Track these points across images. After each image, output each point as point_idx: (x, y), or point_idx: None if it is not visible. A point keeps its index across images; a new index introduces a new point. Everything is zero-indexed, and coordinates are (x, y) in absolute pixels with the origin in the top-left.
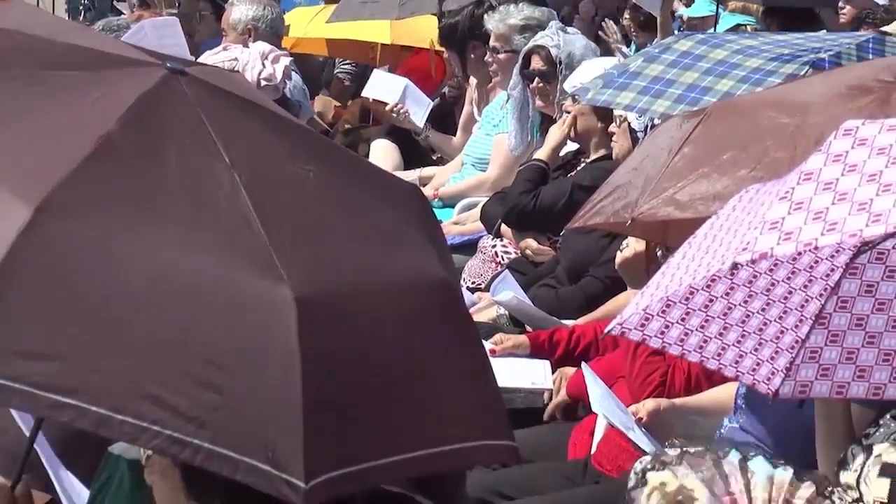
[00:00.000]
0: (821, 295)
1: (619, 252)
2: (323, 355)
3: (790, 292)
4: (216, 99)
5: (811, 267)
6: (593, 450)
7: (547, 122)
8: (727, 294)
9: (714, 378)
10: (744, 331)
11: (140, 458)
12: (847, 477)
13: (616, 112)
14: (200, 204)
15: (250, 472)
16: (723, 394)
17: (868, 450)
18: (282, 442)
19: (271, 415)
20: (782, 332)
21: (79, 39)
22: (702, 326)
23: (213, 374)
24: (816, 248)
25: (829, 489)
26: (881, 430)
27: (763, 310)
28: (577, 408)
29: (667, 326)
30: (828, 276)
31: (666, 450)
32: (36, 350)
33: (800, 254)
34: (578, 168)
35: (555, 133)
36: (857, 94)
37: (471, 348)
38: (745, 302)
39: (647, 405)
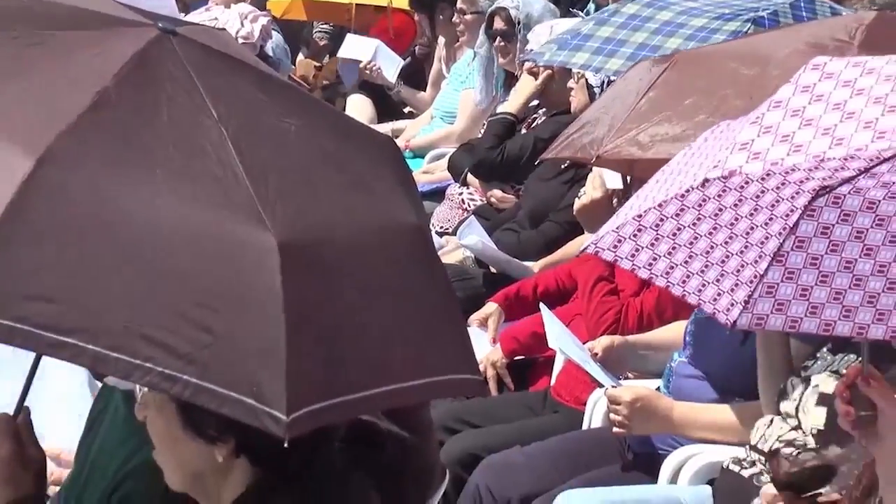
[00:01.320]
0: (780, 233)
1: (577, 199)
2: (304, 296)
3: (752, 228)
4: (205, 57)
5: (772, 206)
6: (553, 382)
7: (510, 78)
8: (694, 224)
9: (664, 317)
10: (707, 261)
11: (133, 389)
12: (787, 406)
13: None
14: (190, 156)
15: (235, 406)
16: (672, 331)
17: (806, 381)
18: (265, 378)
19: (256, 353)
20: (742, 265)
21: (77, 1)
22: (669, 253)
23: (202, 315)
24: (783, 168)
25: None
26: (818, 362)
27: (726, 243)
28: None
29: (637, 250)
30: (787, 216)
31: None
32: (39, 294)
33: (763, 192)
34: (538, 122)
35: (528, 87)
36: (814, 51)
37: (440, 288)
38: (710, 234)
39: (602, 342)
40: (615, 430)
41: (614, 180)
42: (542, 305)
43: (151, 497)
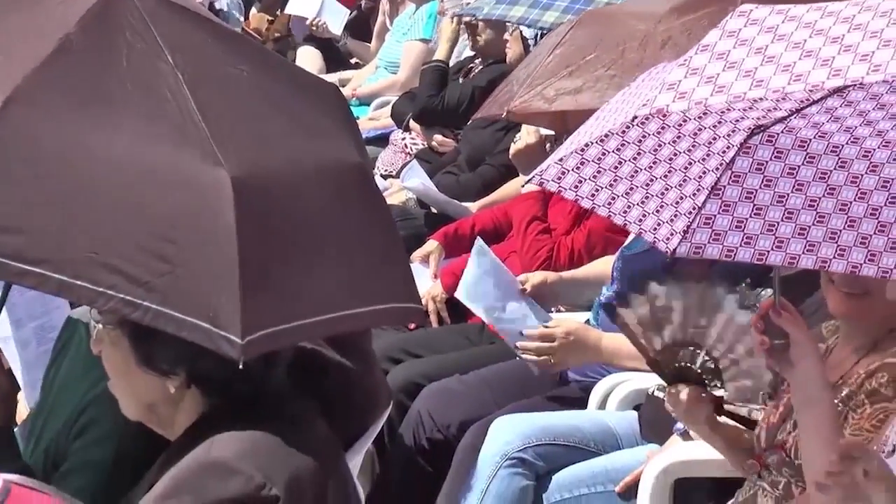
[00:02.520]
0: (717, 169)
1: (512, 144)
2: (256, 228)
3: (690, 163)
4: (162, 9)
5: (709, 143)
6: None
7: None
8: (634, 159)
9: (593, 253)
10: (647, 193)
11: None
12: None
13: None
14: (148, 98)
15: (193, 330)
16: (601, 265)
17: None
18: (221, 304)
19: (212, 280)
20: (682, 198)
21: None
22: (611, 185)
23: (160, 245)
24: (706, 107)
25: None
26: (736, 296)
27: (665, 176)
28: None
29: (580, 182)
30: (724, 152)
31: None
32: (6, 226)
33: (700, 129)
34: (476, 71)
35: (447, 32)
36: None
37: (383, 224)
38: (650, 168)
39: (534, 278)
40: (544, 367)
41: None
42: (478, 239)
43: (113, 424)
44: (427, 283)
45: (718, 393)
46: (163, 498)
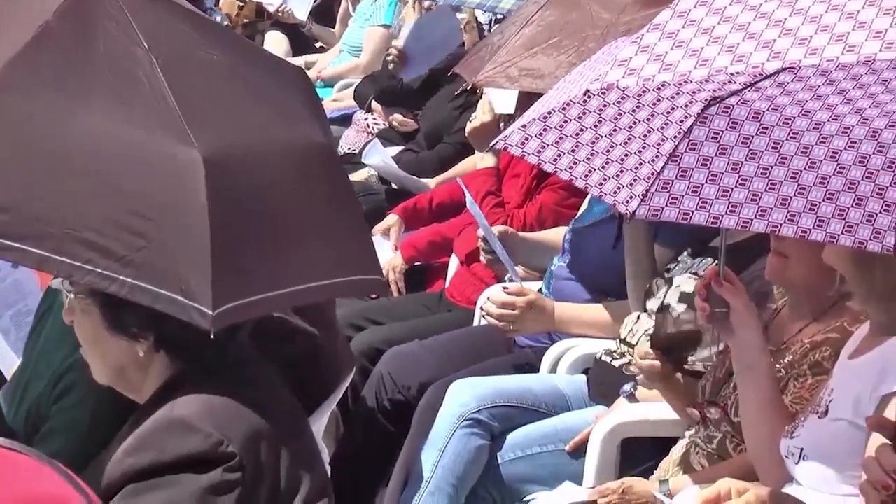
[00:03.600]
0: (675, 137)
1: (468, 122)
2: (227, 205)
3: (649, 131)
4: None
5: (668, 113)
6: (447, 284)
7: None
8: (595, 126)
9: (545, 226)
10: (608, 159)
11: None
12: (652, 304)
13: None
14: (124, 81)
15: (167, 302)
16: (553, 235)
17: (669, 282)
18: (193, 277)
19: (185, 255)
20: (640, 163)
21: None
22: (572, 151)
23: (136, 222)
24: (654, 83)
25: None
26: (680, 265)
27: (625, 143)
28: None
29: (542, 147)
30: (682, 121)
31: None
32: None
33: (659, 100)
34: None
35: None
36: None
37: (347, 200)
38: (610, 135)
39: (497, 229)
40: (503, 331)
41: (502, 105)
42: (458, 180)
43: (89, 389)
44: (388, 254)
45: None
46: (127, 454)
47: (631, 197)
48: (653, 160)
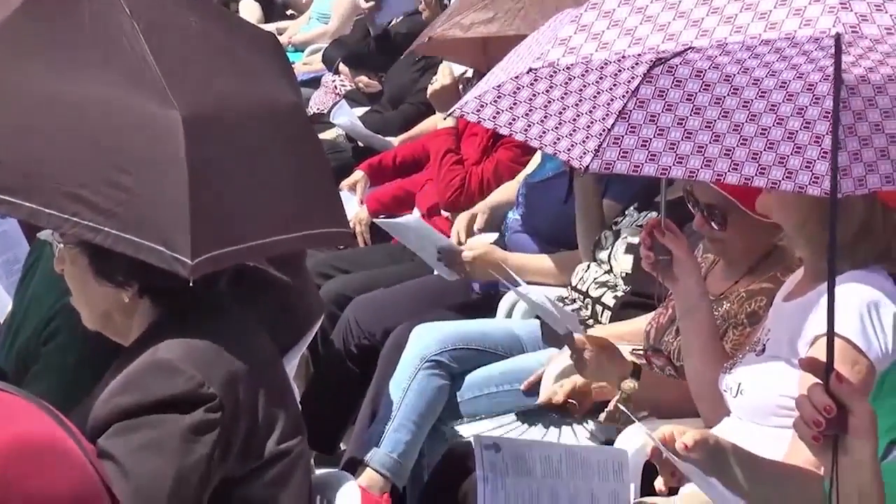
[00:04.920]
0: (623, 96)
1: (430, 84)
2: (204, 162)
3: (598, 93)
4: None
5: (616, 75)
6: None
7: None
8: (547, 91)
9: (501, 181)
10: (561, 120)
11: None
12: (601, 255)
13: None
14: (108, 45)
15: (149, 252)
16: (508, 190)
17: (617, 234)
18: (173, 229)
19: (165, 208)
20: (592, 122)
21: None
22: (526, 115)
23: (120, 177)
24: (590, 62)
25: None
26: (626, 218)
27: (576, 105)
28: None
29: (497, 113)
30: (629, 82)
31: None
32: None
33: (607, 63)
34: (396, 21)
35: None
36: None
37: (316, 157)
38: (562, 98)
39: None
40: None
41: (460, 68)
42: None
43: (76, 332)
44: (354, 207)
45: None
46: (113, 394)
47: (584, 153)
48: (603, 118)
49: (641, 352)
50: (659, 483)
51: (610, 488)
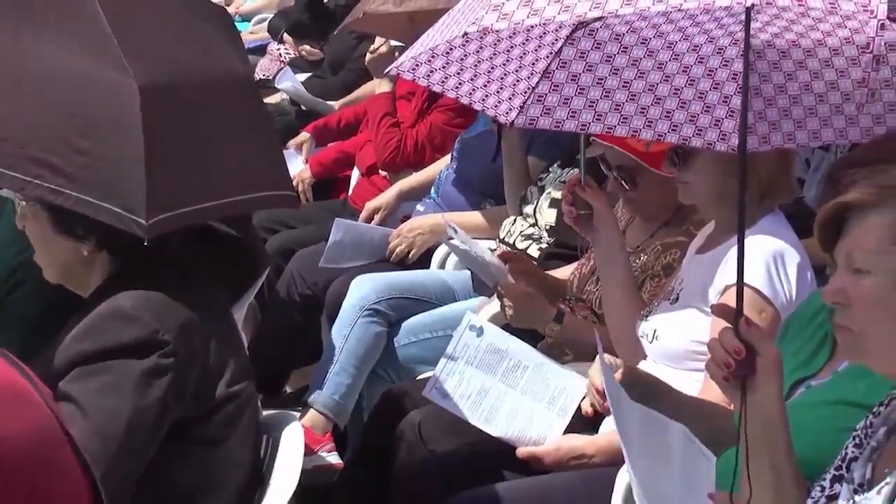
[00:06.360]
0: (547, 57)
1: (368, 52)
2: (159, 128)
3: (524, 54)
4: None
5: (541, 37)
6: (350, 193)
7: None
8: (477, 52)
9: (434, 142)
10: (489, 78)
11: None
12: (527, 209)
13: None
14: (64, 14)
15: (107, 213)
16: (420, 177)
17: (541, 189)
18: (130, 191)
19: (123, 172)
20: (518, 81)
21: None
22: (457, 73)
23: (80, 142)
24: (524, 27)
25: None
26: (550, 175)
27: (504, 65)
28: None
29: (431, 72)
30: (553, 43)
31: None
32: None
33: (532, 26)
34: None
35: None
36: None
37: (264, 124)
38: (490, 59)
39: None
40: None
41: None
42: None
43: (38, 284)
44: (298, 166)
45: None
46: (75, 341)
47: (510, 109)
48: (528, 77)
49: (566, 300)
50: (586, 405)
51: (549, 419)
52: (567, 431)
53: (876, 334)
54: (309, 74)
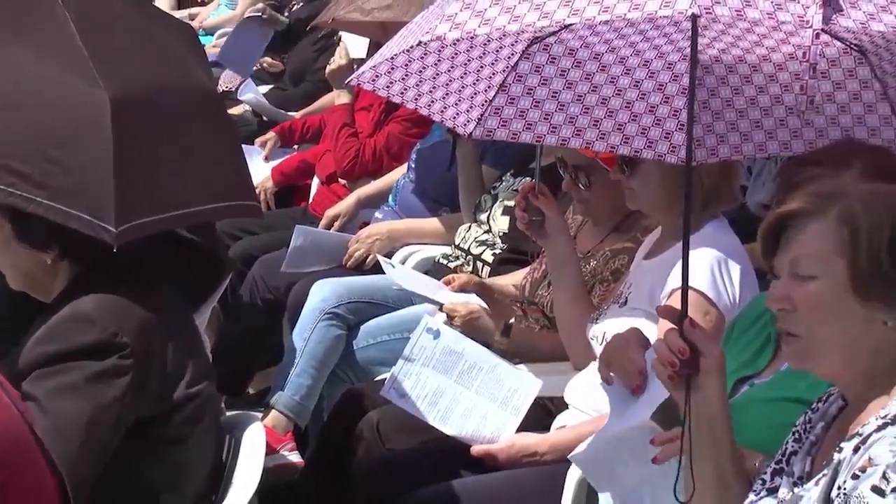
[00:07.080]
0: (504, 71)
1: (328, 65)
2: (129, 139)
3: (482, 67)
4: None
5: (497, 51)
6: (310, 201)
7: None
8: (436, 65)
9: (391, 151)
10: (448, 90)
11: None
12: (481, 216)
13: None
14: (41, 32)
15: (77, 220)
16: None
17: (495, 197)
18: (100, 200)
19: (92, 181)
20: (476, 93)
21: None
22: (416, 85)
23: (52, 151)
24: (475, 36)
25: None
26: (504, 183)
27: (462, 77)
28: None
29: (391, 83)
30: (509, 58)
31: None
32: None
33: (489, 41)
34: (297, 6)
35: None
36: None
37: (230, 135)
38: (449, 71)
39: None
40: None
41: (355, 51)
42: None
43: (3, 289)
44: (260, 162)
45: None
46: (37, 343)
47: (468, 121)
48: (486, 90)
49: (518, 304)
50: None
51: (502, 419)
52: (520, 430)
53: (821, 338)
54: (270, 86)
